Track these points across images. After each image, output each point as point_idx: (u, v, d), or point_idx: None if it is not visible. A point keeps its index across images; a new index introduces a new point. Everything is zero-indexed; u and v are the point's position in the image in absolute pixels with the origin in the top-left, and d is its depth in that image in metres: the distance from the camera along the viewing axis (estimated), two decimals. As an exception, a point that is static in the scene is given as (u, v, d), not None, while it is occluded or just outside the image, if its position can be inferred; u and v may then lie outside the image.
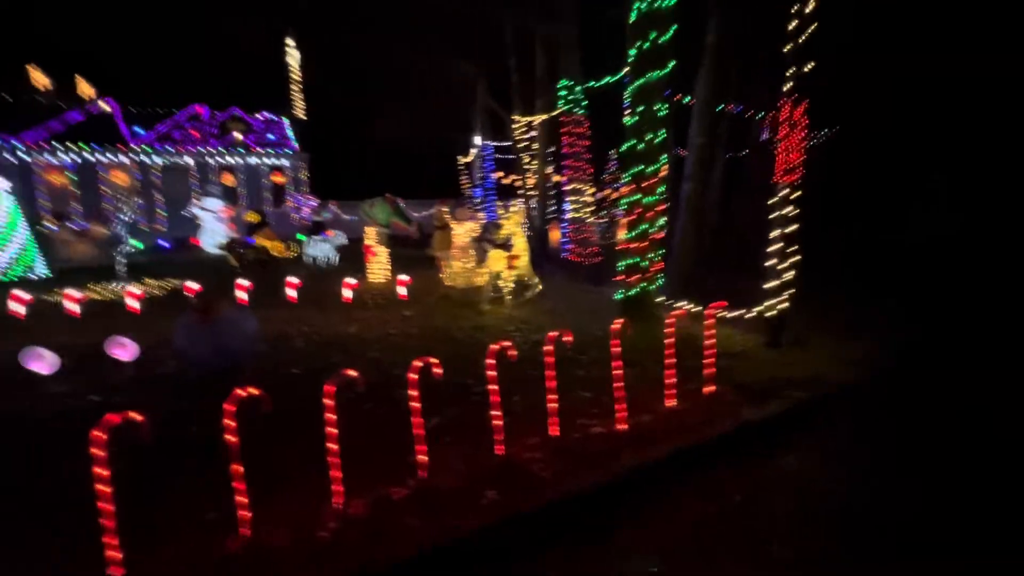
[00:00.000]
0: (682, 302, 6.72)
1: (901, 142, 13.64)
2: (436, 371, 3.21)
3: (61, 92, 17.64)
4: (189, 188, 18.52)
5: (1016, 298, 7.35)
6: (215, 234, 15.32)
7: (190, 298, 6.94)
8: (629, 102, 6.45)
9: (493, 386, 3.43)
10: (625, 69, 6.60)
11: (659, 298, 6.81)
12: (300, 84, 20.99)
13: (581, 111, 11.59)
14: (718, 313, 4.53)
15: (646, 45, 6.19)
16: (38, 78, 17.37)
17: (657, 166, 6.36)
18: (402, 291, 8.42)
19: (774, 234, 5.75)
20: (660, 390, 4.18)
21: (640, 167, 6.36)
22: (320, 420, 2.89)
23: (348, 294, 8.18)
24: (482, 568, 2.68)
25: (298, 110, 21.12)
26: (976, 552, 2.82)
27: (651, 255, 6.53)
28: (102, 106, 17.82)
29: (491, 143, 18.88)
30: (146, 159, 18.01)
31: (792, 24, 5.52)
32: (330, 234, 13.04)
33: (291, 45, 20.56)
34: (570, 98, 11.46)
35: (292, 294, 8.10)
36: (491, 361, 3.44)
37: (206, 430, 3.38)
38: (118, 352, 5.31)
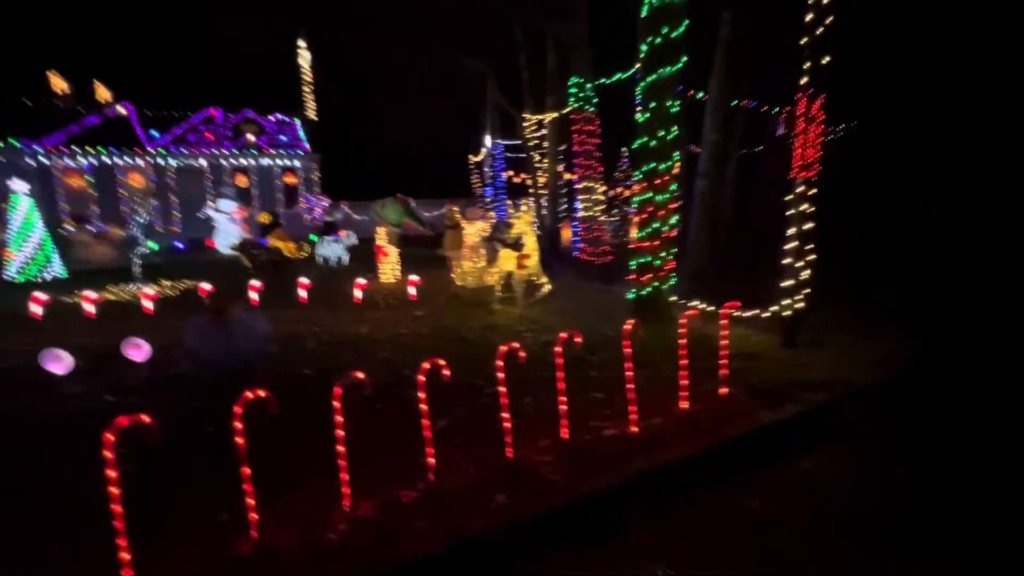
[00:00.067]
0: (695, 301, 6.62)
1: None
2: (444, 373, 3.18)
3: (79, 97, 17.97)
4: (203, 190, 18.75)
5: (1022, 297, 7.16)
6: (229, 235, 15.48)
7: (202, 299, 7.03)
8: (641, 98, 6.37)
9: (502, 388, 3.40)
10: (636, 65, 6.52)
11: (672, 297, 6.71)
12: (312, 85, 21.12)
13: (592, 108, 11.49)
14: (732, 313, 4.44)
15: (658, 40, 6.10)
16: (57, 83, 17.71)
17: (669, 163, 6.28)
18: (413, 291, 8.42)
19: (790, 232, 5.63)
20: (673, 392, 4.11)
21: (652, 164, 6.28)
22: (330, 421, 2.88)
23: (359, 294, 8.21)
24: (487, 569, 2.66)
25: (310, 111, 21.27)
26: (1003, 554, 2.72)
27: (663, 254, 6.44)
28: (119, 110, 18.12)
29: (501, 142, 18.84)
30: (161, 161, 18.27)
31: (808, 16, 5.39)
32: (342, 234, 13.09)
33: (303, 47, 20.70)
34: (581, 96, 11.37)
35: (303, 294, 8.14)
36: (500, 363, 3.40)
37: (218, 431, 3.39)
38: (132, 353, 5.38)
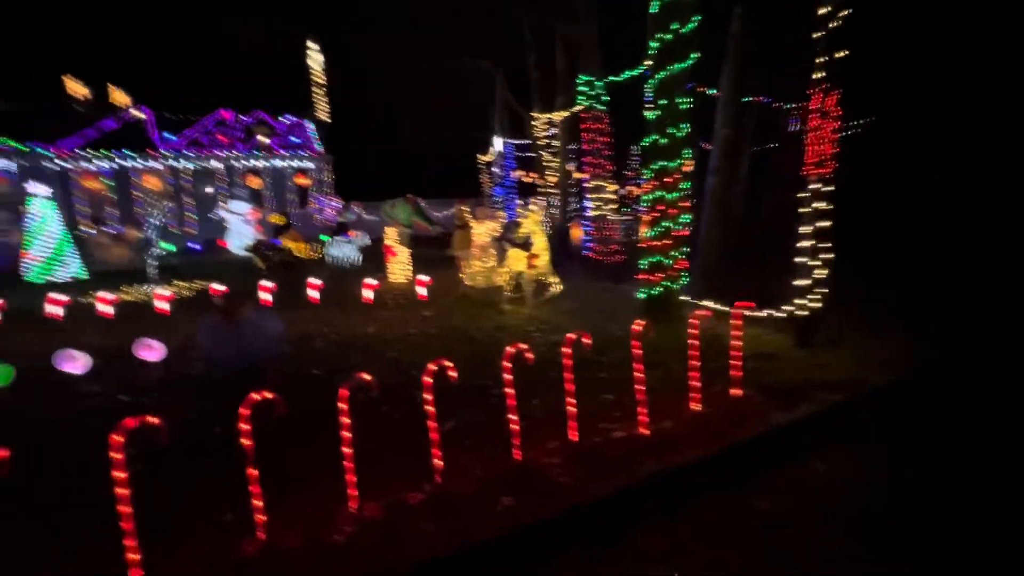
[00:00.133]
0: (707, 301, 6.52)
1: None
2: (451, 374, 3.16)
3: (97, 101, 18.28)
4: (217, 191, 18.97)
5: None
6: (242, 236, 15.64)
7: (214, 299, 7.10)
8: (651, 96, 6.29)
9: (510, 390, 3.37)
10: (646, 62, 6.44)
11: (683, 297, 6.63)
12: (324, 87, 21.25)
13: (602, 107, 11.41)
14: (745, 312, 4.36)
15: (668, 36, 6.02)
16: (75, 88, 18.02)
17: (680, 161, 6.19)
18: (422, 291, 8.43)
19: (804, 229, 5.52)
20: (684, 393, 4.05)
21: (662, 162, 6.20)
22: (337, 422, 2.88)
23: (369, 295, 8.23)
24: (494, 572, 2.64)
25: (322, 113, 21.40)
26: (1012, 554, 2.63)
27: (674, 253, 6.36)
28: (135, 114, 18.41)
29: (511, 141, 18.79)
30: (176, 164, 18.54)
31: (824, 9, 5.28)
32: (353, 235, 13.16)
33: (314, 48, 20.83)
34: (591, 94, 11.29)
35: (314, 295, 8.19)
36: (507, 364, 3.37)
37: (227, 432, 3.40)
38: (146, 353, 5.44)
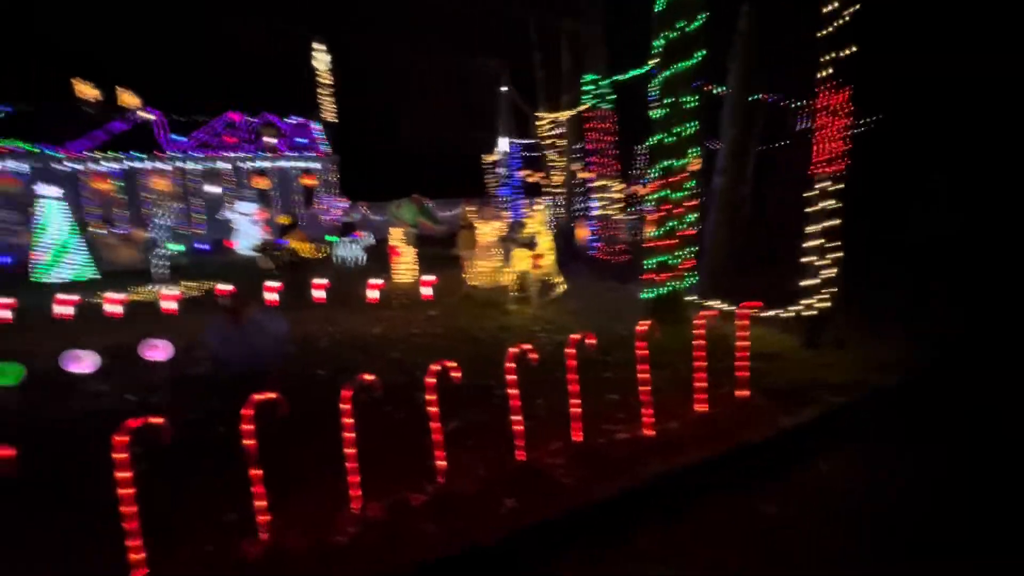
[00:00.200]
0: (713, 301, 6.47)
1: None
2: (454, 375, 3.15)
3: (106, 103, 18.45)
4: (224, 192, 19.11)
5: None
6: (249, 236, 15.73)
7: (220, 300, 7.13)
8: (656, 94, 6.25)
9: (513, 390, 3.35)
10: (652, 61, 6.40)
11: (689, 297, 6.58)
12: (330, 88, 21.32)
13: (608, 106, 11.36)
14: (752, 312, 4.32)
15: (674, 35, 5.98)
16: (84, 90, 18.19)
17: (686, 160, 6.14)
18: (427, 291, 8.42)
19: (812, 228, 5.46)
20: (690, 394, 4.01)
21: (668, 161, 6.16)
22: (340, 422, 2.87)
23: (374, 295, 8.24)
24: (496, 572, 2.62)
25: (327, 113, 21.47)
26: (1013, 554, 2.58)
27: (680, 252, 6.31)
28: (144, 115, 18.57)
29: (516, 141, 18.76)
30: (184, 165, 18.68)
31: (831, 6, 5.22)
32: (359, 235, 13.21)
33: (320, 49, 20.91)
34: (596, 93, 11.25)
35: (320, 295, 8.21)
36: (511, 364, 3.35)
37: (232, 431, 3.40)
38: (152, 353, 5.47)
